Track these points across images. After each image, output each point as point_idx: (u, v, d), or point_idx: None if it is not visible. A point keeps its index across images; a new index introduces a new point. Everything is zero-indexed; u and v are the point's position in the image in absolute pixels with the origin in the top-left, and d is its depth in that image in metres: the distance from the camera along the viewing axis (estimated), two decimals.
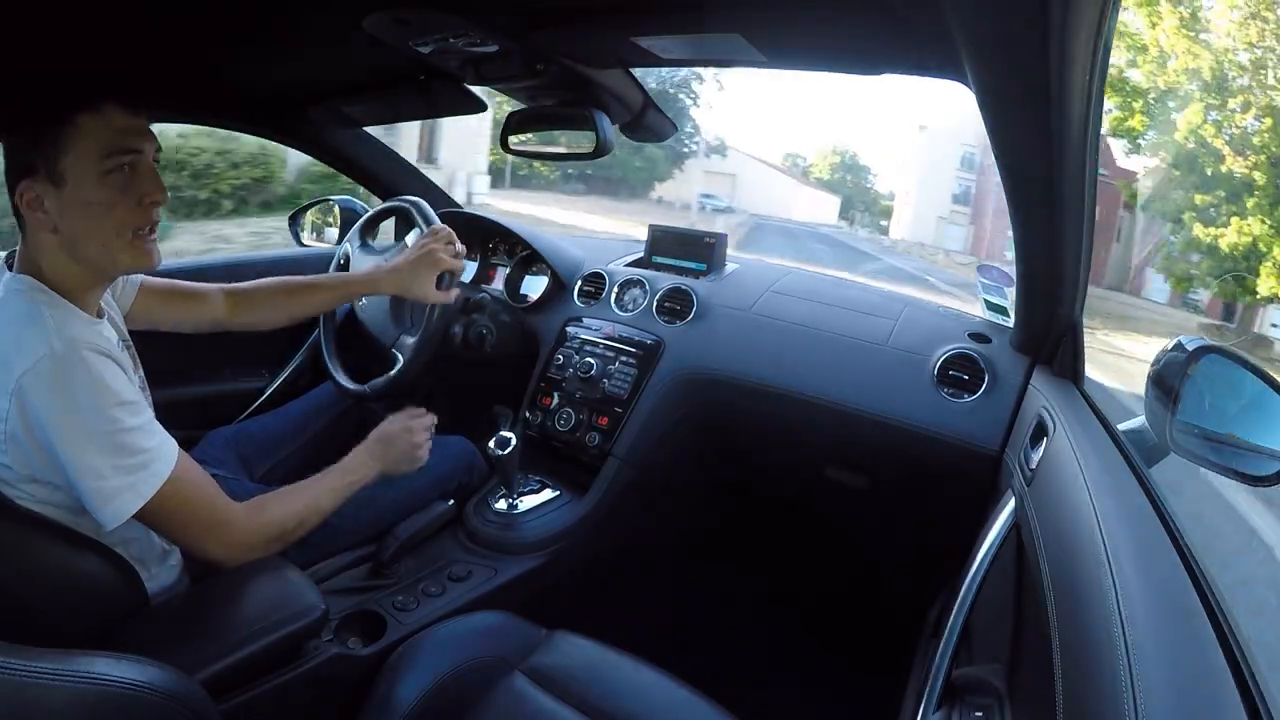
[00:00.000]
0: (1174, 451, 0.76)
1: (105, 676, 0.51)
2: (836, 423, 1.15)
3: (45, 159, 0.71)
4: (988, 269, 1.27)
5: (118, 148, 0.73)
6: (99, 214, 0.73)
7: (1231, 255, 10.32)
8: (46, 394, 0.67)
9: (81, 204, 0.72)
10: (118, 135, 0.73)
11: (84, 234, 0.73)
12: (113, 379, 0.71)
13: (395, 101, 1.21)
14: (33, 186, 0.71)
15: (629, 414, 1.26)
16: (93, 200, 0.73)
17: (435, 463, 1.17)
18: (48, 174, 0.71)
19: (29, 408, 0.66)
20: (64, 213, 0.72)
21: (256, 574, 0.87)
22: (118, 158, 0.73)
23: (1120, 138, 12.30)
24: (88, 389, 0.68)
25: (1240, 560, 2.74)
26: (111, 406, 0.70)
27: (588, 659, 0.83)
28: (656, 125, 1.15)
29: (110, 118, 0.73)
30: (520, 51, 0.87)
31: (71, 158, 0.71)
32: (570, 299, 1.44)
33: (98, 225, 0.73)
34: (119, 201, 0.74)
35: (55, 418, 0.67)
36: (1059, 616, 0.56)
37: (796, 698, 1.36)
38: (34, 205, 0.72)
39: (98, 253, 0.75)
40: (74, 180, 0.72)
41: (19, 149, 0.72)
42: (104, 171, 0.73)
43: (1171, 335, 0.82)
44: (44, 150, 0.71)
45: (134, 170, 0.75)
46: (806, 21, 0.67)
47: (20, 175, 0.72)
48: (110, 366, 0.71)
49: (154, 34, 0.88)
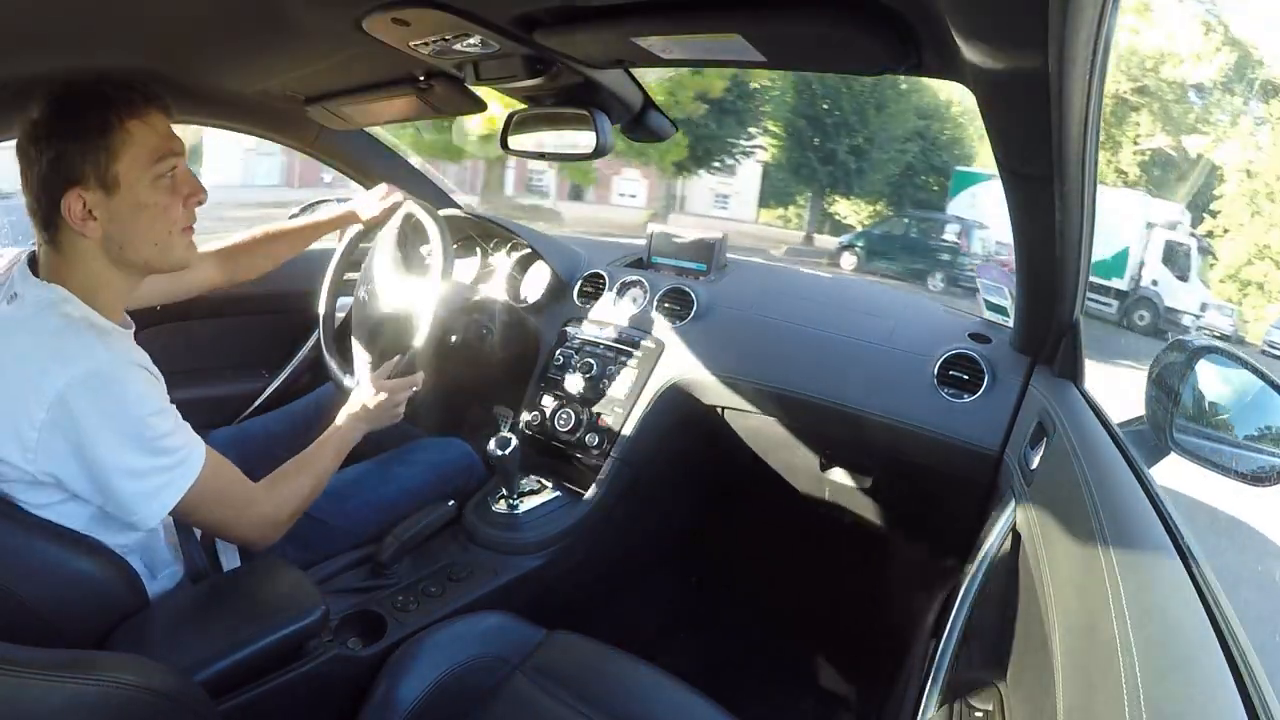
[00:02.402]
0: (1174, 451, 0.76)
1: (105, 677, 0.51)
2: (836, 423, 1.15)
3: (96, 167, 0.72)
4: (988, 269, 1.27)
5: (165, 152, 0.76)
6: (154, 215, 0.76)
7: None
8: (93, 405, 0.69)
9: (136, 208, 0.75)
10: (164, 140, 0.77)
11: (139, 236, 0.76)
12: (151, 389, 0.74)
13: (395, 101, 1.21)
14: (82, 195, 0.72)
15: (629, 414, 1.26)
16: (148, 203, 0.75)
17: (434, 465, 1.17)
18: (99, 181, 0.72)
19: (71, 418, 0.68)
20: (115, 218, 0.74)
21: (256, 574, 0.87)
22: (168, 161, 0.76)
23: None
24: (133, 400, 0.72)
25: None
26: (152, 415, 0.73)
27: (588, 659, 0.83)
28: (656, 125, 1.15)
29: (155, 124, 0.76)
30: (520, 51, 0.87)
31: (125, 164, 0.73)
32: (570, 299, 1.44)
33: (152, 226, 0.77)
34: (170, 203, 0.78)
35: (100, 428, 0.69)
36: (1059, 617, 0.56)
37: (796, 697, 1.36)
38: (82, 214, 0.73)
39: (151, 252, 0.78)
40: (127, 185, 0.74)
41: (67, 158, 0.72)
42: (156, 176, 0.76)
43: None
44: (96, 158, 0.72)
45: (177, 173, 0.79)
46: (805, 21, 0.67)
47: (67, 185, 0.72)
48: (149, 378, 0.75)
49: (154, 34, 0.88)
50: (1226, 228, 18.63)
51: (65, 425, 0.68)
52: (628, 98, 1.06)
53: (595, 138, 1.03)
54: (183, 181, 0.79)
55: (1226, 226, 18.63)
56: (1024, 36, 0.47)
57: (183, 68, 1.04)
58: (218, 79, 1.13)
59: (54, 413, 0.68)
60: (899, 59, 0.68)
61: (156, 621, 0.77)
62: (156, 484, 0.74)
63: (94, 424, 0.69)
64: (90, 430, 0.69)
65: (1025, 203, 0.76)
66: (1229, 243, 18.57)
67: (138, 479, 0.72)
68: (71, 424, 0.68)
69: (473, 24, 0.78)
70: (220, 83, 1.16)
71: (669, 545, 1.56)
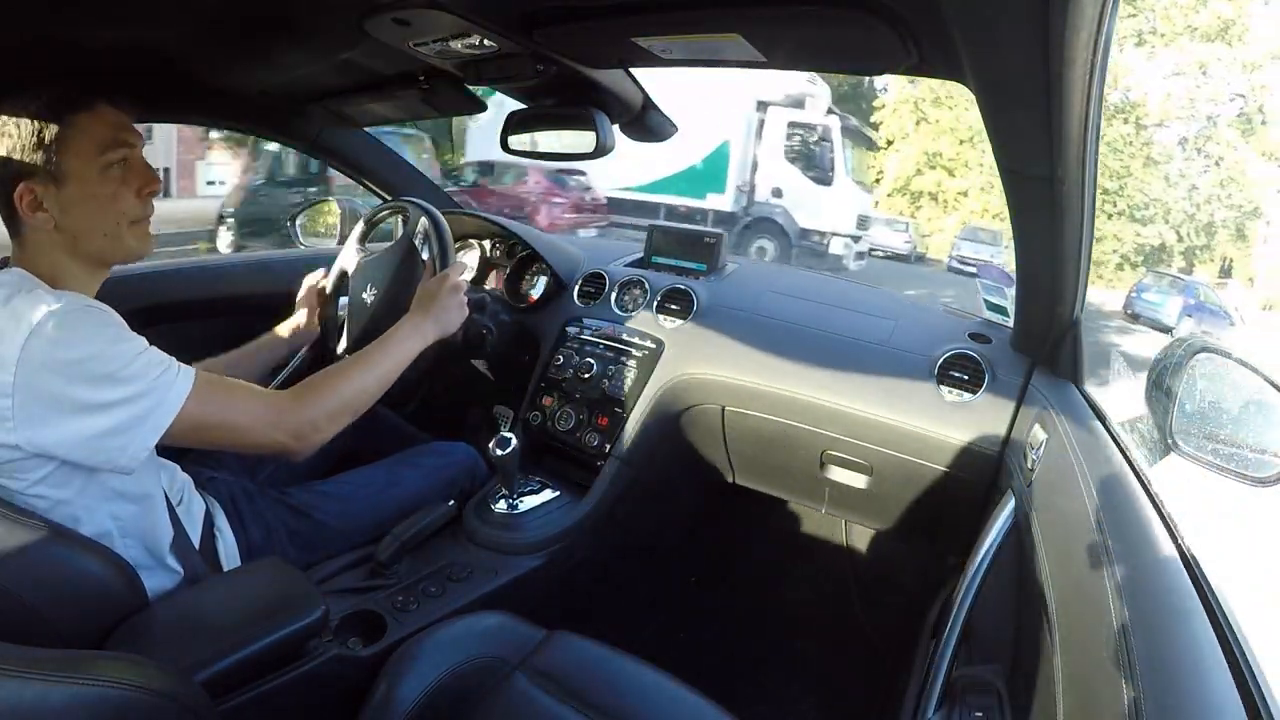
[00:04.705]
0: (1174, 451, 0.76)
1: (104, 677, 0.51)
2: (836, 423, 1.15)
3: (47, 159, 0.73)
4: (988, 269, 1.27)
5: (114, 143, 0.77)
6: (102, 205, 0.77)
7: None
8: (51, 350, 0.68)
9: (85, 199, 0.76)
10: (112, 131, 0.77)
11: (89, 226, 0.77)
12: (107, 320, 0.73)
13: (395, 101, 1.21)
14: (32, 187, 0.73)
15: (629, 414, 1.26)
16: (96, 194, 0.76)
17: (437, 467, 1.17)
18: (49, 174, 0.74)
19: (37, 368, 0.67)
20: (66, 209, 0.75)
21: (256, 574, 0.87)
22: (116, 152, 0.77)
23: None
24: (89, 335, 0.70)
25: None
26: (110, 344, 0.72)
27: (588, 659, 0.83)
28: (656, 125, 1.15)
29: (104, 115, 0.77)
30: (520, 51, 0.87)
31: (72, 156, 0.74)
32: (570, 299, 1.44)
33: (102, 217, 0.77)
34: (120, 193, 0.78)
35: (66, 367, 0.68)
36: (1059, 616, 0.56)
37: (796, 697, 1.36)
38: (34, 205, 0.74)
39: (102, 243, 0.78)
40: (76, 177, 0.75)
41: (15, 152, 0.73)
42: (104, 166, 0.76)
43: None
44: (45, 151, 0.73)
45: (129, 164, 0.79)
46: (806, 22, 0.67)
47: (17, 178, 0.73)
48: (103, 314, 0.73)
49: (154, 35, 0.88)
50: (890, 139, 18.35)
51: (34, 383, 0.67)
52: (628, 98, 1.06)
53: (595, 137, 1.03)
54: (135, 172, 0.79)
55: (890, 138, 18.36)
56: (1024, 36, 0.47)
57: (183, 67, 1.04)
58: (218, 79, 1.13)
59: (19, 374, 0.67)
60: (899, 58, 0.68)
61: (156, 621, 0.77)
62: (135, 412, 0.71)
63: (55, 368, 0.68)
64: (58, 377, 0.68)
65: (1025, 203, 0.76)
66: (895, 155, 18.24)
67: (112, 411, 0.70)
68: (39, 379, 0.67)
69: (473, 24, 0.78)
70: (220, 82, 1.16)
71: (669, 545, 1.56)
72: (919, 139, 17.91)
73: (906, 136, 18.17)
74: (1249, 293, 17.23)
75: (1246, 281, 18.39)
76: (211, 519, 0.94)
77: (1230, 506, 1.60)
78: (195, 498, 0.93)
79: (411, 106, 1.22)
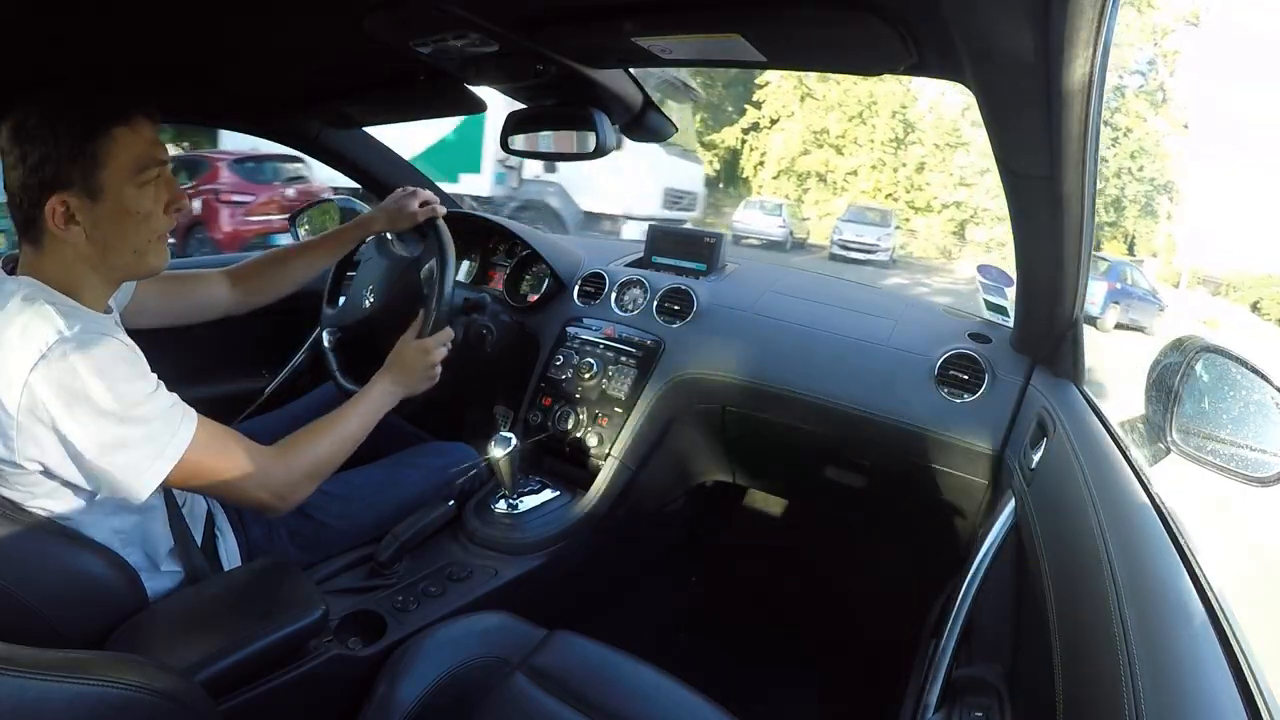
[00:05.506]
0: (1174, 451, 0.76)
1: (104, 677, 0.51)
2: (836, 423, 1.15)
3: (82, 172, 0.71)
4: (988, 269, 1.27)
5: (150, 159, 0.75)
6: (137, 223, 0.76)
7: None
8: (62, 378, 0.67)
9: (120, 215, 0.74)
10: (149, 147, 0.76)
11: (121, 243, 0.76)
12: (123, 357, 0.72)
13: (395, 101, 1.21)
14: (65, 200, 0.71)
15: (629, 414, 1.26)
16: (132, 210, 0.75)
17: (440, 469, 1.17)
18: (84, 187, 0.72)
19: (45, 395, 0.66)
20: (99, 224, 0.73)
21: (256, 574, 0.87)
22: (153, 169, 0.76)
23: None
24: (104, 367, 0.69)
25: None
26: (129, 380, 0.71)
27: (588, 659, 0.83)
28: (657, 125, 1.15)
29: (141, 131, 0.75)
30: (520, 51, 0.87)
31: (109, 171, 0.73)
32: (570, 299, 1.44)
33: (135, 233, 0.76)
34: (154, 211, 0.77)
35: (74, 400, 0.67)
36: (1059, 617, 0.56)
37: (796, 698, 1.36)
38: (66, 218, 0.72)
39: (130, 259, 0.77)
40: (113, 193, 0.73)
41: (50, 163, 0.71)
42: (141, 183, 0.75)
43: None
44: (81, 164, 0.71)
45: (162, 179, 0.78)
46: (806, 22, 0.67)
47: (51, 189, 0.71)
48: (120, 347, 0.72)
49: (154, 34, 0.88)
50: (774, 116, 17.49)
51: (39, 409, 0.66)
52: (628, 98, 1.06)
53: (595, 138, 1.03)
54: (166, 189, 0.78)
55: (774, 115, 17.49)
56: (1024, 37, 0.47)
57: (183, 68, 1.04)
58: (218, 79, 1.13)
59: (27, 397, 0.66)
60: (899, 59, 0.68)
61: (156, 621, 0.77)
62: (141, 455, 0.70)
63: (65, 397, 0.67)
64: (64, 408, 0.67)
65: (1025, 203, 0.76)
66: (779, 135, 17.29)
67: (122, 450, 0.69)
68: (49, 400, 0.66)
69: (473, 24, 0.78)
70: (221, 83, 1.16)
71: (669, 545, 1.56)
72: (805, 115, 16.78)
73: (792, 114, 17.00)
74: (1159, 269, 17.03)
75: (1150, 256, 17.88)
76: (212, 519, 0.94)
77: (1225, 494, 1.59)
78: (197, 498, 0.93)
79: (411, 106, 1.22)
